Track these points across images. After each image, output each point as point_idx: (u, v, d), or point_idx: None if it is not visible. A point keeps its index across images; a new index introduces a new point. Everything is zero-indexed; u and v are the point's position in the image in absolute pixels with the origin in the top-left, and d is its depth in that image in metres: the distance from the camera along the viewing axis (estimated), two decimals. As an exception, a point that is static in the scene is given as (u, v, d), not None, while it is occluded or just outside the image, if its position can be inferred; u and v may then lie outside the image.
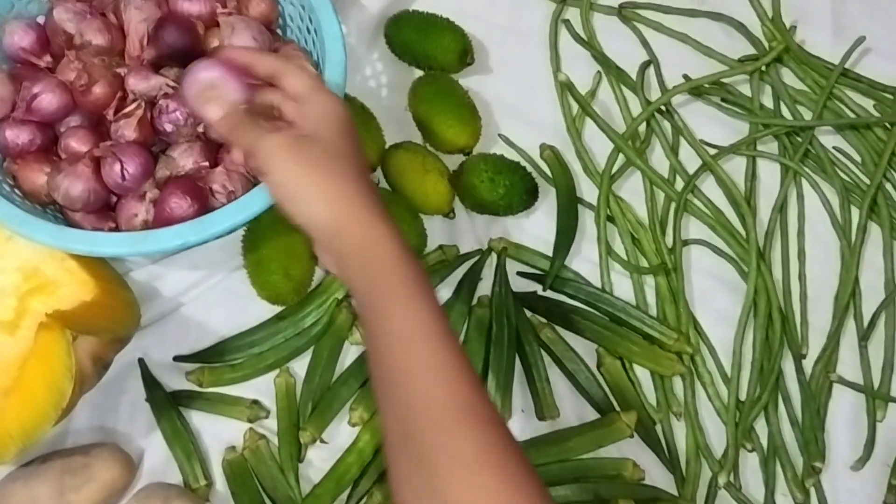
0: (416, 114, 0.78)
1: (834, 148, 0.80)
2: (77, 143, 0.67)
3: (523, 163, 0.77)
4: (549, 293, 0.74)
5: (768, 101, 0.82)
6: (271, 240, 0.69)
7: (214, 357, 0.71)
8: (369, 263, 0.52)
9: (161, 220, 0.64)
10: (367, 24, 0.83)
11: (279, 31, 0.75)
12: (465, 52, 0.79)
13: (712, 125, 0.81)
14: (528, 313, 0.73)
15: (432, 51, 0.79)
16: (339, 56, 0.67)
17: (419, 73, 0.81)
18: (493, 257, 0.75)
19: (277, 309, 0.72)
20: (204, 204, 0.66)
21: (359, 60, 0.82)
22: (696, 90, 0.81)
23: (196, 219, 0.62)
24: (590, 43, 0.83)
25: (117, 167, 0.64)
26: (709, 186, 0.78)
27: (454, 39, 0.79)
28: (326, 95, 0.57)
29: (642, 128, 0.80)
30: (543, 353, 0.71)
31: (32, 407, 0.59)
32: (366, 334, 0.52)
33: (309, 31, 0.71)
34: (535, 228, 0.76)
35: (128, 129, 0.66)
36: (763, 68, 0.81)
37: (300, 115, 0.56)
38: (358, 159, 0.56)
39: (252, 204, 0.62)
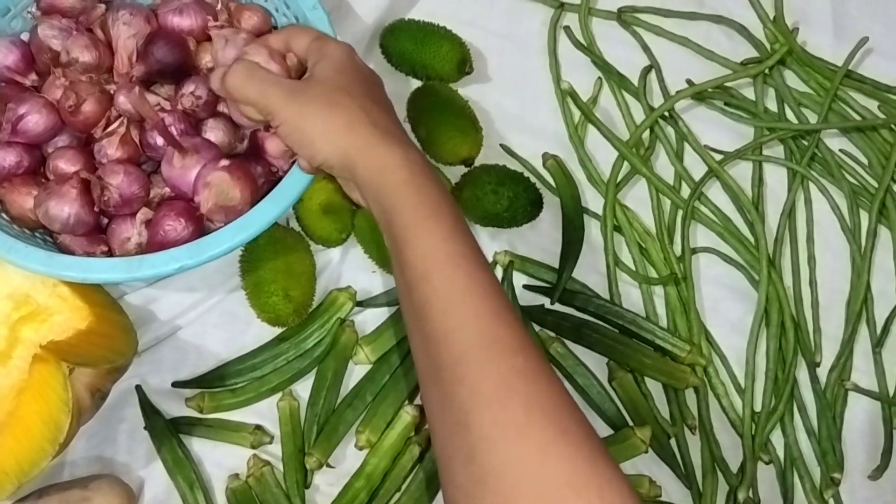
0: (416, 125, 0.76)
1: (840, 151, 0.78)
2: (66, 164, 0.65)
3: (526, 173, 0.75)
4: (556, 306, 0.72)
5: (772, 105, 0.80)
6: (270, 260, 0.67)
7: (214, 382, 0.69)
8: (382, 191, 0.52)
9: (155, 244, 0.62)
10: (361, 34, 0.81)
11: (272, 44, 0.73)
12: (463, 62, 0.77)
13: (716, 130, 0.79)
14: (537, 327, 0.71)
15: (430, 60, 0.77)
16: (337, 69, 0.65)
17: (416, 83, 0.79)
18: (499, 271, 0.73)
19: (278, 330, 0.70)
20: (199, 225, 0.64)
21: (354, 71, 0.80)
22: (699, 95, 0.80)
23: (192, 242, 0.60)
24: (589, 49, 0.82)
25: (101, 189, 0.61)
26: (715, 193, 0.77)
27: (452, 48, 0.77)
28: (325, 42, 0.60)
29: (646, 134, 0.78)
30: (553, 368, 0.70)
31: (28, 443, 0.57)
32: (393, 267, 0.52)
33: (304, 44, 0.69)
34: (540, 240, 0.75)
35: (111, 148, 0.64)
36: (766, 71, 0.80)
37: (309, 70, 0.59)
38: (361, 88, 0.57)
39: (250, 225, 0.61)
